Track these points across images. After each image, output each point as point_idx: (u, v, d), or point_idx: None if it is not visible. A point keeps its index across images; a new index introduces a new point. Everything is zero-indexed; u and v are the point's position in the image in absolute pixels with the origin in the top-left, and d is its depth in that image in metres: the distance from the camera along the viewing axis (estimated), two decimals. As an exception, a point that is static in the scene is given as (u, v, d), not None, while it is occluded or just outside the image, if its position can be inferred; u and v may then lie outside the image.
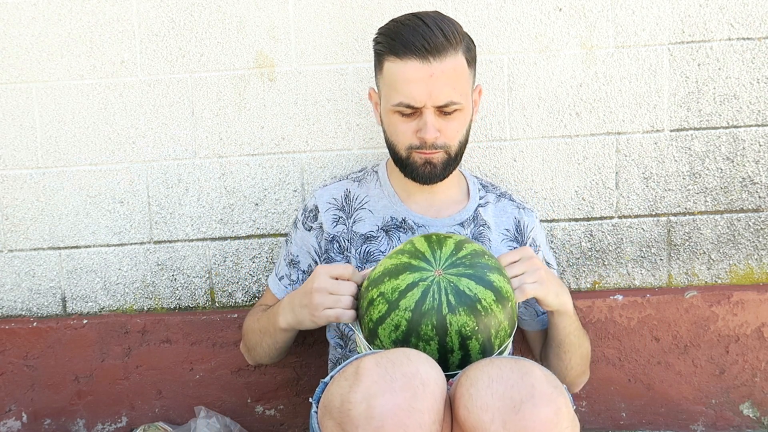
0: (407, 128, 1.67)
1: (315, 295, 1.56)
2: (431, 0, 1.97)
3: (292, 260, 1.83)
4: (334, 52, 1.99)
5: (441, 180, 1.72)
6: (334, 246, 1.76)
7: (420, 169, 1.69)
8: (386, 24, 1.70)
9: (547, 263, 1.85)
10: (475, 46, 1.73)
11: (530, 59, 1.99)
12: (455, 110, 1.65)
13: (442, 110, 1.65)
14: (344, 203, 1.79)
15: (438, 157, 1.68)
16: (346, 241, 1.76)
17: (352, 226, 1.77)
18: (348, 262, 1.74)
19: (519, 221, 1.81)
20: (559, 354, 1.76)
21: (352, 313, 1.54)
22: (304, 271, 1.82)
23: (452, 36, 1.63)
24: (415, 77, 1.62)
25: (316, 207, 1.80)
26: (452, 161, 1.70)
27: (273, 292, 1.86)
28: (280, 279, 1.85)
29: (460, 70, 1.65)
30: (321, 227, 1.78)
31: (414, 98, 1.63)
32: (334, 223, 1.77)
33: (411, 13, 1.69)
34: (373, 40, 1.71)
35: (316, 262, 1.80)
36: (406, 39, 1.62)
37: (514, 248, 1.78)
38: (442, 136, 1.66)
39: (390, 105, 1.67)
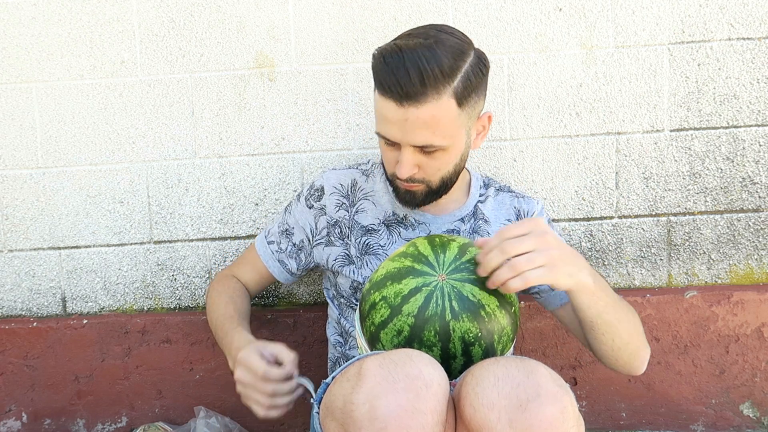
0: (391, 156, 1.64)
1: (237, 383, 1.60)
2: (431, 0, 1.97)
3: (286, 230, 1.84)
4: (334, 52, 1.99)
5: (422, 206, 1.70)
6: (336, 231, 1.77)
7: (401, 195, 1.69)
8: (382, 47, 1.58)
9: None
10: (483, 72, 1.59)
11: (530, 59, 1.99)
12: (436, 150, 1.58)
13: (421, 149, 1.59)
14: (349, 191, 1.79)
15: (417, 188, 1.66)
16: (347, 228, 1.76)
17: (354, 215, 1.77)
18: (347, 250, 1.76)
19: (519, 210, 1.78)
20: (596, 336, 1.56)
21: (271, 412, 1.58)
22: (294, 244, 1.83)
23: (434, 80, 1.51)
24: (391, 117, 1.56)
25: (322, 188, 1.80)
26: (433, 193, 1.67)
27: (258, 252, 1.87)
28: (269, 243, 1.86)
29: (442, 115, 1.54)
30: (323, 209, 1.79)
31: (390, 135, 1.59)
32: (337, 208, 1.78)
33: (400, 43, 1.55)
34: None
35: (309, 240, 1.81)
36: (383, 78, 1.54)
37: None
38: (420, 172, 1.62)
39: (376, 129, 1.64)
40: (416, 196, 1.67)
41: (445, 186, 1.67)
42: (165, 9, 1.98)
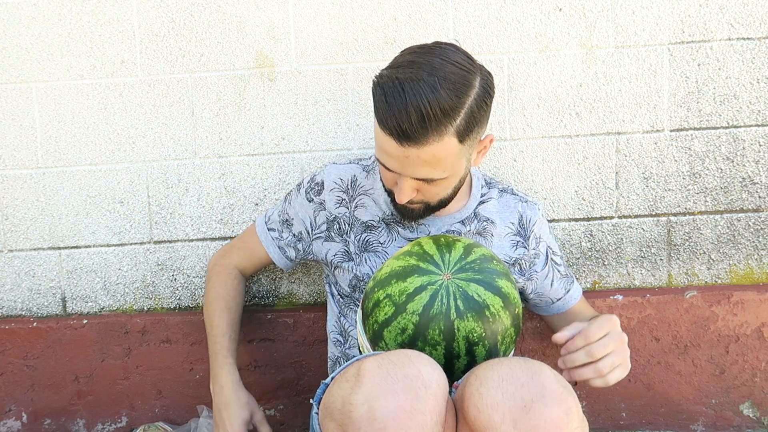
0: (389, 176, 1.61)
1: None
2: (431, 0, 1.97)
3: (286, 219, 1.85)
4: (334, 52, 1.99)
5: (419, 220, 1.71)
6: (335, 227, 1.78)
7: (399, 208, 1.67)
8: (382, 76, 1.49)
9: (553, 252, 1.84)
10: (487, 104, 1.52)
11: (530, 59, 1.99)
12: (436, 180, 1.55)
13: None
14: (349, 186, 1.79)
15: (415, 207, 1.65)
16: (347, 225, 1.77)
17: (354, 211, 1.77)
18: (347, 246, 1.76)
19: (522, 215, 1.79)
20: None
21: None
22: (294, 235, 1.84)
23: (436, 123, 1.44)
24: (390, 151, 1.51)
25: (323, 183, 1.80)
26: (432, 209, 1.66)
27: (259, 237, 1.88)
28: (270, 229, 1.87)
29: (443, 154, 1.49)
30: (322, 204, 1.79)
31: (390, 166, 1.54)
32: (337, 205, 1.78)
33: (401, 77, 1.45)
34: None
35: (307, 233, 1.82)
36: (383, 116, 1.47)
37: (518, 242, 1.77)
38: (419, 194, 1.60)
39: (375, 155, 1.61)
40: (414, 212, 1.67)
41: (443, 204, 1.66)
42: (165, 9, 1.98)
